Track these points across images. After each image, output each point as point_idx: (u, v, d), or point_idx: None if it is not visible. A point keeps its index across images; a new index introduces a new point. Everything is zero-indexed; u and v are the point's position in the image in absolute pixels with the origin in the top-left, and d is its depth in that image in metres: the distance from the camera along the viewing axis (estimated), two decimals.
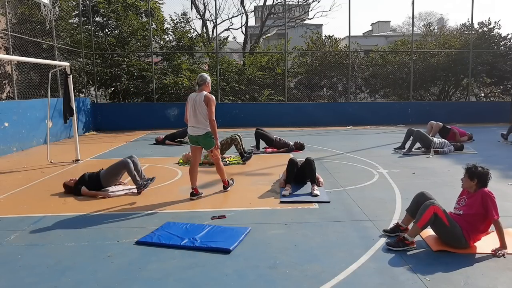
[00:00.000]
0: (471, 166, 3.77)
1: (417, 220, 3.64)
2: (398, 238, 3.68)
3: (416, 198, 3.97)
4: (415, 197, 3.99)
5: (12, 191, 6.03)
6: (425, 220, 3.57)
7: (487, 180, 3.71)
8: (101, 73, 15.27)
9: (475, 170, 3.71)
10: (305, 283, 3.10)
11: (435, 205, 3.60)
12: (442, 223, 3.57)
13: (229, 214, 4.73)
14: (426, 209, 3.59)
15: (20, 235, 4.20)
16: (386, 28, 37.02)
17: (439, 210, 3.58)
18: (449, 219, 3.59)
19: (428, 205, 3.62)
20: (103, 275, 3.27)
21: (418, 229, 3.64)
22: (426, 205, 3.64)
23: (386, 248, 3.65)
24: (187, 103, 5.52)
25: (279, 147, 9.26)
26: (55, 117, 11.58)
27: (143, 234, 4.10)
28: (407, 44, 17.09)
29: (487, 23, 17.12)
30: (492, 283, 3.05)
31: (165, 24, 17.14)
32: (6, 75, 11.60)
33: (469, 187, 3.74)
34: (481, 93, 18.94)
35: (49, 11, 9.27)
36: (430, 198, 3.85)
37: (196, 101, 5.38)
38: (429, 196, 3.88)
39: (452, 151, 8.70)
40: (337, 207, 4.99)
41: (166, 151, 9.67)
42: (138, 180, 5.76)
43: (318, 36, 17.97)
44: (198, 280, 3.16)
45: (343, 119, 15.08)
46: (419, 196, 3.95)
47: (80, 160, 8.38)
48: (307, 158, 5.98)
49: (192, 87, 15.59)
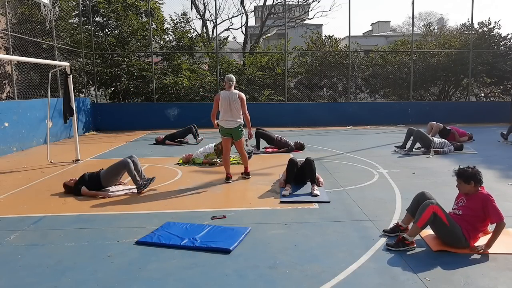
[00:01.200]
0: (460, 170, 3.75)
1: (416, 220, 3.64)
2: (397, 239, 3.68)
3: (416, 198, 3.97)
4: (416, 196, 3.99)
5: (12, 191, 6.04)
6: (425, 220, 3.57)
7: (481, 177, 3.70)
8: (101, 73, 15.27)
9: (466, 173, 3.70)
10: (305, 283, 3.10)
11: (434, 204, 3.60)
12: (441, 223, 3.57)
13: (229, 214, 4.73)
14: (425, 209, 3.59)
15: (20, 235, 4.20)
16: (386, 28, 37.02)
17: (438, 209, 3.58)
18: (448, 218, 3.59)
19: (427, 204, 3.62)
20: (103, 275, 3.27)
21: (417, 229, 3.64)
22: (425, 204, 3.64)
23: (386, 249, 3.65)
24: (220, 100, 6.24)
25: (280, 147, 9.27)
26: (55, 117, 11.58)
27: (143, 234, 4.10)
28: (407, 44, 17.09)
29: (487, 23, 17.11)
30: (492, 283, 3.05)
31: (165, 24, 17.15)
32: (6, 75, 11.60)
33: (468, 190, 3.73)
34: (481, 93, 18.94)
35: (49, 11, 9.28)
36: (430, 198, 3.85)
37: (231, 98, 6.20)
38: (429, 196, 3.88)
39: (452, 151, 8.70)
40: (337, 207, 4.99)
41: (166, 151, 9.68)
42: (138, 180, 5.77)
43: (318, 36, 17.97)
44: (198, 280, 3.16)
45: (343, 119, 15.08)
46: (420, 195, 3.95)
47: (80, 160, 8.38)
48: (307, 158, 5.98)
49: (192, 87, 15.61)
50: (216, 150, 7.99)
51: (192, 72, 16.04)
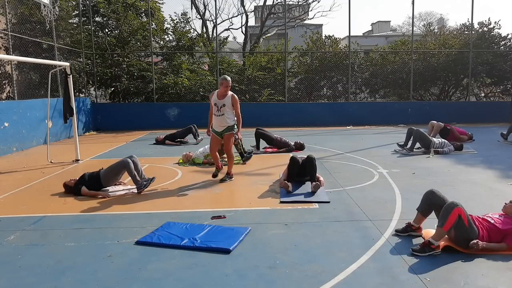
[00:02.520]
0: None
1: (442, 224, 3.51)
2: (423, 243, 3.56)
3: (426, 197, 3.91)
4: (426, 195, 3.94)
5: (12, 191, 6.03)
6: (451, 223, 3.47)
7: None
8: (101, 73, 15.27)
9: None
10: (305, 283, 3.10)
11: (459, 207, 3.50)
12: (463, 225, 3.50)
13: (229, 214, 4.73)
14: (450, 212, 3.48)
15: (20, 235, 4.20)
16: (386, 28, 37.01)
17: (462, 212, 3.50)
18: (469, 220, 3.54)
19: (452, 207, 3.51)
20: (103, 275, 3.27)
21: (443, 233, 3.53)
22: (449, 207, 3.52)
23: (411, 254, 3.54)
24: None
25: (280, 147, 9.26)
26: (55, 117, 11.58)
27: (143, 234, 4.10)
28: (407, 44, 17.09)
29: (487, 23, 17.11)
30: (492, 283, 3.05)
31: (165, 24, 17.14)
32: (6, 75, 11.60)
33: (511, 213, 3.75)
34: (481, 93, 18.93)
35: (49, 11, 9.27)
36: (442, 197, 3.79)
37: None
38: (440, 195, 3.82)
39: (452, 151, 8.70)
40: (337, 207, 4.99)
41: (166, 151, 9.67)
42: (138, 180, 5.76)
43: (318, 36, 17.96)
44: (198, 280, 3.16)
45: (343, 119, 15.08)
46: (430, 194, 3.89)
47: (80, 160, 8.38)
48: (308, 155, 6.01)
49: (192, 87, 15.62)
50: None
51: (192, 72, 16.04)
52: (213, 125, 6.35)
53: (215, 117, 6.25)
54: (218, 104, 6.17)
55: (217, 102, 6.18)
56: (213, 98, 6.25)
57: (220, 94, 6.21)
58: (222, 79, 6.21)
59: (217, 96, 6.21)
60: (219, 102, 6.17)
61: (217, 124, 6.28)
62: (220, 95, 6.21)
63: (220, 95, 6.21)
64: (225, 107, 6.15)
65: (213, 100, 6.25)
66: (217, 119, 6.23)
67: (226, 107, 6.16)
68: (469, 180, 6.27)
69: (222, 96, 6.19)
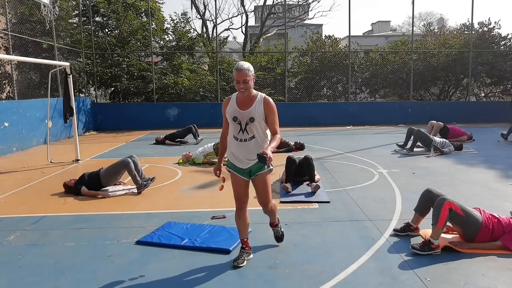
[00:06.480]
0: None
1: (435, 222, 3.55)
2: (423, 242, 3.59)
3: (423, 196, 3.93)
4: (422, 195, 3.96)
5: (12, 191, 6.03)
6: (444, 218, 3.52)
7: None
8: (101, 73, 15.27)
9: None
10: (305, 283, 3.10)
11: (448, 201, 3.56)
12: (457, 215, 3.55)
13: (229, 214, 4.72)
14: (441, 208, 3.53)
15: (20, 235, 4.20)
16: (386, 28, 37.02)
17: (452, 204, 3.55)
18: (463, 209, 3.58)
19: (441, 203, 3.56)
20: (103, 275, 3.27)
21: (439, 230, 3.56)
22: (439, 203, 3.57)
23: (411, 251, 3.56)
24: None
25: (280, 147, 9.24)
26: (55, 117, 11.58)
27: (143, 234, 4.10)
28: (407, 44, 17.09)
29: (487, 23, 17.11)
30: (492, 283, 3.05)
31: (165, 24, 17.16)
32: (6, 75, 11.60)
33: None
34: (481, 93, 18.94)
35: (49, 11, 9.28)
36: (439, 193, 3.80)
37: None
38: (436, 192, 3.84)
39: (453, 151, 8.70)
40: (337, 207, 4.99)
41: (166, 151, 9.67)
42: (138, 180, 5.76)
43: (318, 36, 17.97)
44: (198, 280, 3.16)
45: (343, 119, 15.08)
46: (427, 193, 3.91)
47: (80, 160, 8.38)
48: (305, 156, 6.03)
49: (192, 87, 15.62)
50: (216, 150, 7.98)
51: (192, 72, 16.03)
52: (231, 156, 3.50)
53: (234, 142, 3.41)
54: (242, 118, 3.36)
55: (237, 115, 3.37)
56: (229, 109, 3.43)
57: (243, 101, 3.40)
58: (236, 70, 3.36)
59: (237, 104, 3.41)
60: (243, 114, 3.36)
61: (240, 156, 3.41)
62: (242, 102, 3.40)
63: (242, 101, 3.40)
64: (254, 123, 3.37)
65: (229, 112, 3.42)
66: (240, 146, 3.39)
67: (256, 123, 3.37)
68: (469, 180, 6.27)
69: (247, 103, 3.40)
